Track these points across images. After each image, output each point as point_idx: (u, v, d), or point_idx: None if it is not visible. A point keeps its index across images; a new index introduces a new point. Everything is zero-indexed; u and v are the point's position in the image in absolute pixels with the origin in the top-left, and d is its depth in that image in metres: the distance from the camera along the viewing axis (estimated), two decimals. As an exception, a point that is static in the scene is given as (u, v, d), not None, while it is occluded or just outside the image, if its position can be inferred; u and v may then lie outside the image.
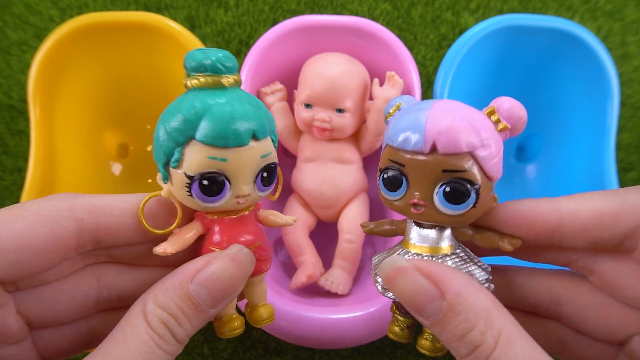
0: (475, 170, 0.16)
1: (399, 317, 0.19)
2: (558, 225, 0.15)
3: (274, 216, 0.21)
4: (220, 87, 0.17)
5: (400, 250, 0.19)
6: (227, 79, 0.17)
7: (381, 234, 0.20)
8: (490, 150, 0.16)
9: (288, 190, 0.37)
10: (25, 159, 0.40)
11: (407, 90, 0.34)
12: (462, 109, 0.17)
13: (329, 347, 0.29)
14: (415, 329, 0.20)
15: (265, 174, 0.18)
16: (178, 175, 0.17)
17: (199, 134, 0.16)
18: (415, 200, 0.17)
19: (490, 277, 0.18)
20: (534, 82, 0.38)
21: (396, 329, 0.19)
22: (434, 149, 0.16)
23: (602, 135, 0.34)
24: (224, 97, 0.17)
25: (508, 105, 0.17)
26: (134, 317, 0.15)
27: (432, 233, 0.18)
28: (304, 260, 0.33)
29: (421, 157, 0.16)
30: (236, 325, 0.18)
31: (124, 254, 0.18)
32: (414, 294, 0.15)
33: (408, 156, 0.17)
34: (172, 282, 0.16)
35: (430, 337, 0.18)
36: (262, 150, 0.18)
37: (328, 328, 0.28)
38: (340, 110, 0.33)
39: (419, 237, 0.18)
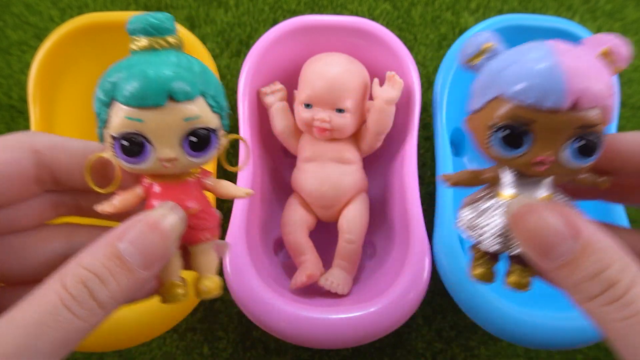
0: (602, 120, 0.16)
1: (483, 260, 0.19)
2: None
3: (224, 187, 0.20)
4: (154, 49, 0.17)
5: (494, 200, 0.18)
6: (159, 42, 0.17)
7: (464, 183, 0.19)
8: (614, 97, 0.16)
9: (288, 190, 0.37)
10: (25, 159, 0.40)
11: (407, 90, 0.34)
12: (583, 52, 0.16)
13: (329, 347, 0.29)
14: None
15: (194, 139, 0.18)
16: (107, 136, 0.17)
17: (118, 94, 0.16)
18: (542, 158, 0.16)
19: None
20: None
21: (482, 270, 0.19)
22: (574, 105, 0.15)
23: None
24: (150, 57, 0.17)
25: (624, 49, 0.16)
26: (48, 280, 0.14)
27: (535, 181, 0.17)
28: (304, 260, 0.33)
29: (558, 114, 0.15)
30: (178, 292, 0.18)
31: (91, 210, 0.18)
32: (545, 233, 0.14)
33: (541, 113, 0.15)
34: (99, 242, 0.15)
35: (518, 272, 0.18)
36: (186, 113, 0.17)
37: (328, 328, 0.28)
38: (340, 110, 0.33)
39: (518, 185, 0.17)
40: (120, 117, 0.17)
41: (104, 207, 0.18)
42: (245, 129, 0.34)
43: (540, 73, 0.15)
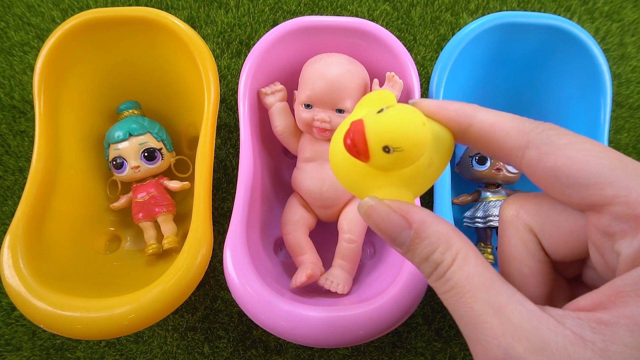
0: None
1: (486, 247, 0.35)
2: (468, 127, 0.18)
3: (170, 184, 0.37)
4: (129, 115, 0.37)
5: (482, 203, 0.36)
6: (133, 112, 0.37)
7: (465, 202, 0.36)
8: None
9: (288, 190, 0.37)
10: (27, 159, 0.40)
11: (406, 91, 0.35)
12: None
13: (329, 346, 0.29)
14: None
15: (146, 154, 0.35)
16: (110, 164, 0.36)
17: (111, 139, 0.36)
18: (498, 166, 0.34)
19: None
20: (528, 78, 0.38)
21: (491, 257, 0.34)
22: None
23: (596, 130, 0.34)
24: (124, 121, 0.36)
25: None
26: None
27: (498, 190, 0.36)
28: (304, 259, 0.34)
29: None
30: (153, 247, 0.36)
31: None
32: (386, 226, 0.17)
33: None
34: None
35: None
36: (140, 140, 0.35)
37: (328, 328, 0.28)
38: (340, 111, 0.33)
39: (491, 193, 0.36)
40: (113, 150, 0.36)
41: (115, 205, 0.37)
42: (245, 129, 0.34)
43: None
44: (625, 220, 0.14)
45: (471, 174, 0.36)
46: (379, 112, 0.16)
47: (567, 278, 0.19)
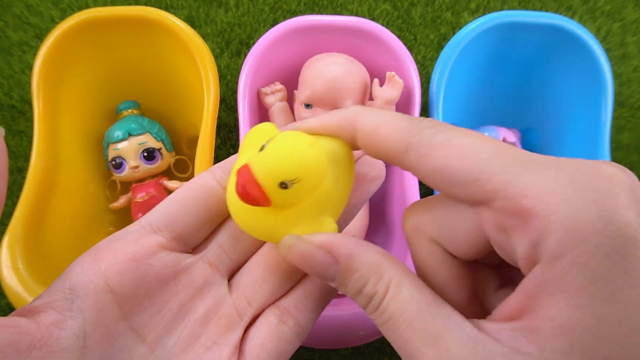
0: None
1: None
2: (354, 136, 0.17)
3: (169, 184, 0.36)
4: (129, 115, 0.37)
5: None
6: (132, 111, 0.37)
7: None
8: None
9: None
10: (26, 159, 0.40)
11: (407, 91, 0.34)
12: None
13: (329, 346, 0.29)
14: None
15: (145, 154, 0.35)
16: (109, 163, 0.36)
17: (110, 139, 0.35)
18: None
19: None
20: (529, 77, 0.38)
21: None
22: None
23: (597, 130, 0.34)
24: (123, 120, 0.36)
25: None
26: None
27: None
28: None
29: None
30: None
31: None
32: (313, 263, 0.16)
33: None
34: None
35: None
36: (139, 140, 0.35)
37: (328, 327, 0.28)
38: (340, 111, 0.33)
39: None
40: (112, 150, 0.35)
41: (115, 205, 0.37)
42: (245, 129, 0.34)
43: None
44: (511, 215, 0.13)
45: None
46: (261, 149, 0.15)
47: (494, 265, 0.18)
